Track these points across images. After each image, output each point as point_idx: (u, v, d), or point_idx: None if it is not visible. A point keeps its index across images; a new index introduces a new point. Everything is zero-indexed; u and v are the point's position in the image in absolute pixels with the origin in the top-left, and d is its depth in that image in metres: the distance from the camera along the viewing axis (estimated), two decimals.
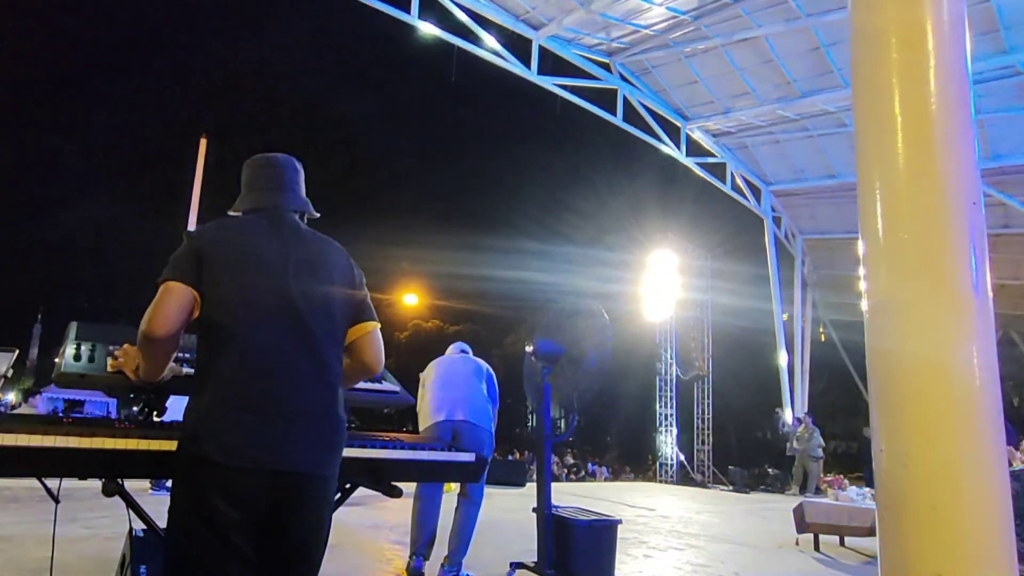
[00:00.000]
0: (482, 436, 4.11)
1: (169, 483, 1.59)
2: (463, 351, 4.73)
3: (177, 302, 1.59)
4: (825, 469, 13.62)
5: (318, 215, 1.96)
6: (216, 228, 1.74)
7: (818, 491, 11.05)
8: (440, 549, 4.03)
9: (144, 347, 1.64)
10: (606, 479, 21.71)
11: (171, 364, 1.78)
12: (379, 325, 1.89)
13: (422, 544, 3.99)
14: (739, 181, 15.20)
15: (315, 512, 1.62)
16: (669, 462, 17.64)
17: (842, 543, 6.30)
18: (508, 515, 6.30)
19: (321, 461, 1.62)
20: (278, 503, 1.54)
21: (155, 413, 2.03)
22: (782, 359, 16.19)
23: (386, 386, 2.35)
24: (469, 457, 2.22)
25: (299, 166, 1.96)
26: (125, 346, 1.82)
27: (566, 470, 20.59)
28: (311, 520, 1.62)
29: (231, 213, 1.90)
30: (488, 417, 4.24)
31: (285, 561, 1.59)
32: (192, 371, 1.80)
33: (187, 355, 1.88)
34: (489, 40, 11.06)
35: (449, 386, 4.31)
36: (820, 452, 13.80)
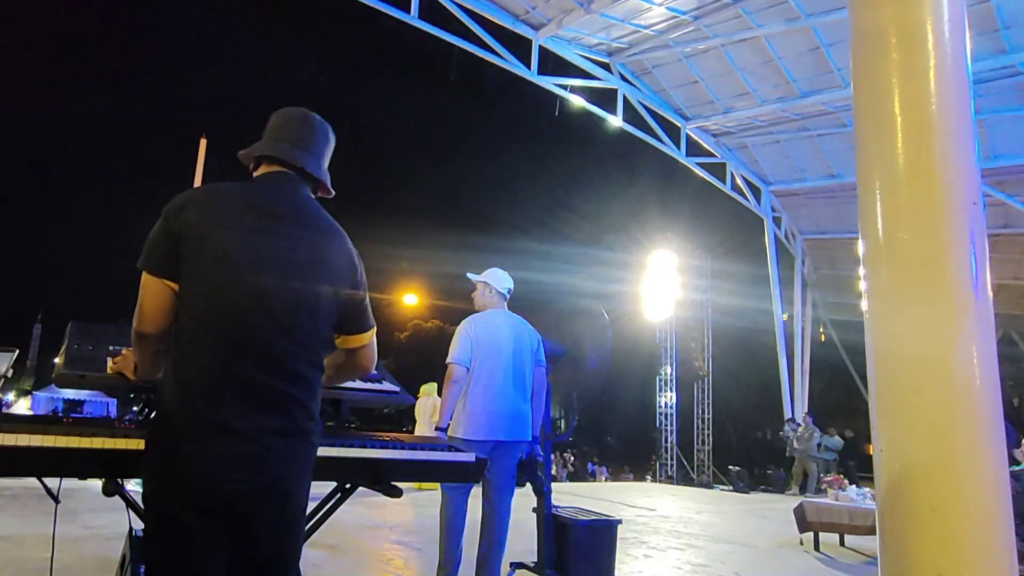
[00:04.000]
0: (520, 452, 3.60)
1: None
2: (505, 293, 3.81)
3: (155, 298, 1.52)
4: (826, 468, 13.63)
5: (332, 193, 1.78)
6: (199, 207, 1.55)
7: (818, 491, 11.06)
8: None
9: (136, 344, 1.60)
10: (606, 479, 21.70)
11: None
12: (376, 329, 1.81)
13: (455, 565, 3.51)
14: (739, 181, 15.20)
15: (277, 530, 1.54)
16: (669, 462, 17.65)
17: (842, 543, 6.30)
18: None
19: (281, 478, 1.51)
20: (240, 517, 1.48)
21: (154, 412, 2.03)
22: (782, 363, 16.21)
23: (386, 386, 2.35)
24: (469, 457, 2.21)
25: (332, 137, 1.78)
26: (124, 351, 1.81)
27: (565, 470, 20.58)
28: (272, 538, 1.54)
29: (241, 155, 1.74)
30: (530, 422, 3.66)
31: (256, 571, 1.54)
32: None
33: None
34: (489, 40, 11.06)
35: (492, 390, 3.53)
36: (828, 453, 13.82)
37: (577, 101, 12.40)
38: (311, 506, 1.81)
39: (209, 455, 1.45)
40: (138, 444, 1.66)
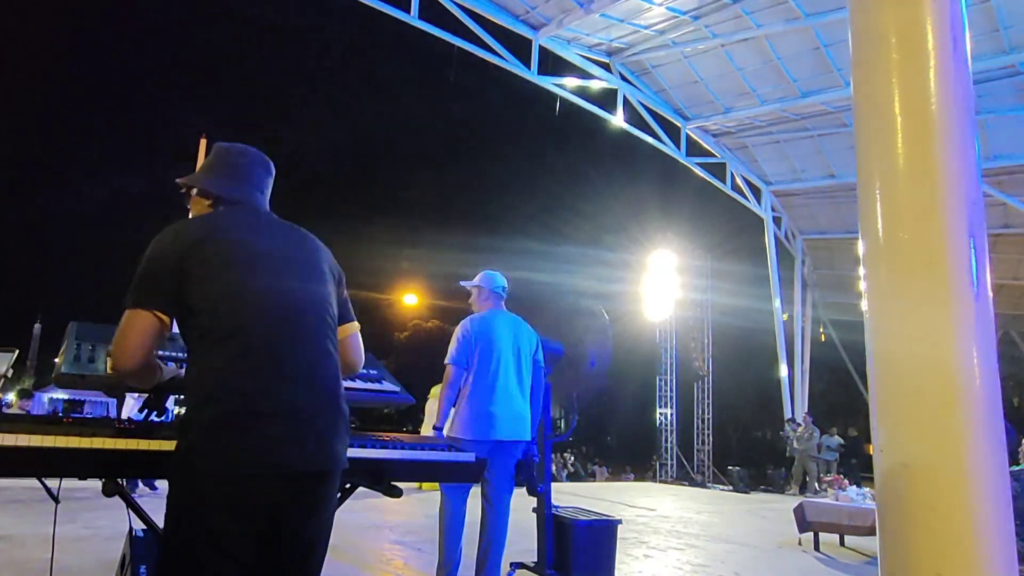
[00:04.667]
0: (519, 452, 3.58)
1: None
2: (500, 292, 3.77)
3: (141, 334, 1.53)
4: (827, 468, 13.65)
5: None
6: (195, 227, 1.63)
7: (818, 491, 11.06)
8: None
9: (121, 376, 1.60)
10: (606, 479, 21.70)
11: (169, 365, 1.78)
12: (359, 326, 1.87)
13: (455, 565, 3.50)
14: (739, 181, 15.20)
15: (323, 512, 1.60)
16: (669, 462, 17.65)
17: (842, 543, 6.30)
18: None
19: (331, 456, 1.57)
20: (286, 509, 1.51)
21: (155, 413, 2.03)
22: (782, 363, 16.20)
23: (386, 386, 2.35)
24: (469, 457, 2.21)
25: (273, 171, 1.90)
26: None
27: (565, 471, 20.58)
28: (319, 521, 1.59)
29: (183, 180, 1.81)
30: (529, 422, 3.63)
31: (290, 565, 1.56)
32: None
33: (185, 355, 1.88)
34: (489, 40, 11.06)
35: (491, 390, 3.50)
36: (827, 452, 13.85)
37: (577, 101, 12.40)
38: None
39: (261, 441, 1.47)
40: (137, 444, 1.66)
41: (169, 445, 1.61)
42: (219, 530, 1.44)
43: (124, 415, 2.07)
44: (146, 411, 2.01)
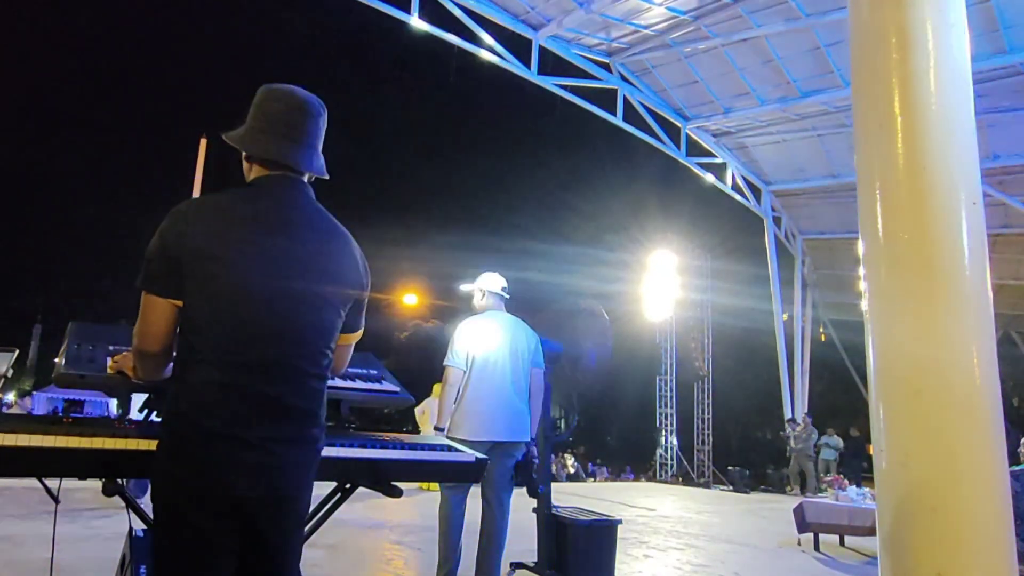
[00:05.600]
0: (518, 452, 3.59)
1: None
2: (501, 293, 3.79)
3: (160, 317, 1.51)
4: (826, 468, 13.65)
5: (327, 177, 1.70)
6: (199, 227, 1.50)
7: (818, 491, 11.07)
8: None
9: (139, 361, 1.60)
10: (606, 479, 21.70)
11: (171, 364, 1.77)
12: (360, 337, 1.81)
13: (455, 564, 3.52)
14: (739, 181, 15.20)
15: (283, 533, 1.58)
16: (669, 462, 17.66)
17: (842, 543, 6.30)
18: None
19: (290, 485, 1.55)
20: (250, 520, 1.51)
21: (155, 413, 2.02)
22: (781, 363, 16.20)
23: (386, 386, 2.35)
24: (469, 457, 2.21)
25: (325, 114, 1.69)
26: (124, 353, 1.81)
27: (565, 471, 20.56)
28: (278, 540, 1.57)
29: (226, 137, 1.66)
30: (529, 423, 3.63)
31: (261, 571, 1.56)
32: None
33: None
34: (489, 40, 11.07)
35: (490, 391, 3.52)
36: (826, 452, 13.86)
37: (577, 101, 12.40)
38: (311, 506, 1.82)
39: (221, 465, 1.46)
40: (137, 444, 1.66)
41: None
42: (196, 523, 1.45)
43: (131, 414, 2.07)
44: (146, 411, 2.01)
